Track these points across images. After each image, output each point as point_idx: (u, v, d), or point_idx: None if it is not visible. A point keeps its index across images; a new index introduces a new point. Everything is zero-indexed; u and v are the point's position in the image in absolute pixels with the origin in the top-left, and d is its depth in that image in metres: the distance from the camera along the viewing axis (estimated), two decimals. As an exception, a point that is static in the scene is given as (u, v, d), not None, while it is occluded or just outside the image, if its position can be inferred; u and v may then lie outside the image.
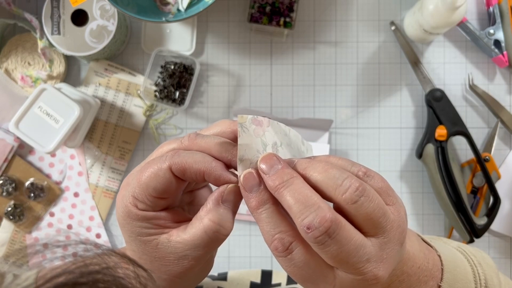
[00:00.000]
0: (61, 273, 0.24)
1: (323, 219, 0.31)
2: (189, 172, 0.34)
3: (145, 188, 0.34)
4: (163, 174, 0.34)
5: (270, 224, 0.33)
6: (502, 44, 0.73)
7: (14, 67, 0.75)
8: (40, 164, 0.76)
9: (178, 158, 0.34)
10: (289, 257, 0.32)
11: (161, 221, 0.35)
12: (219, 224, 0.34)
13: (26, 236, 0.76)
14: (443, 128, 0.72)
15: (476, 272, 0.42)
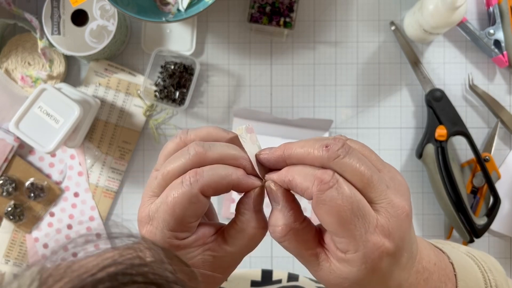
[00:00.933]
0: (111, 263, 0.24)
1: (337, 139, 0.32)
2: (220, 189, 0.33)
3: (182, 219, 0.33)
4: (197, 200, 0.33)
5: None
6: (502, 44, 0.73)
7: (14, 67, 0.75)
8: (40, 164, 0.76)
9: (203, 179, 0.33)
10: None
11: (200, 242, 0.35)
12: (261, 227, 0.35)
13: (26, 236, 0.76)
14: (443, 128, 0.72)
15: (487, 278, 0.41)
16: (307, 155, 0.33)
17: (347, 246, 0.31)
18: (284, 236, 0.34)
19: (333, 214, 0.31)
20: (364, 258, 0.31)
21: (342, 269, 0.32)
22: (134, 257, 0.25)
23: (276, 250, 0.77)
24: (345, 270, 0.32)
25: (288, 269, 0.77)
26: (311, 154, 0.33)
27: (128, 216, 0.77)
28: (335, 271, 0.33)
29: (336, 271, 0.33)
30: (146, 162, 0.77)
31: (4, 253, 0.76)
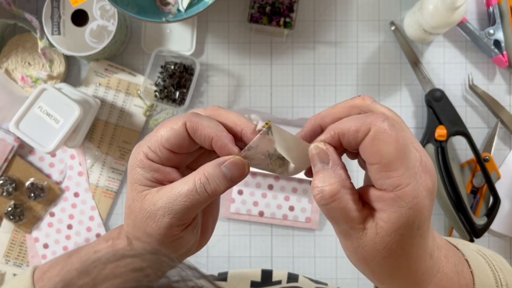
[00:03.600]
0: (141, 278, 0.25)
1: None
2: (199, 133, 0.35)
3: (159, 139, 0.35)
4: (178, 128, 0.35)
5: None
6: (502, 44, 0.73)
7: (14, 67, 0.75)
8: (40, 164, 0.76)
9: (194, 118, 0.35)
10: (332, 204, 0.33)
11: (161, 176, 0.36)
12: (209, 178, 0.35)
13: (26, 236, 0.76)
14: (443, 128, 0.72)
15: (498, 277, 0.41)
16: (342, 108, 0.35)
17: (399, 180, 0.31)
18: (335, 195, 0.33)
19: (392, 144, 0.31)
20: (416, 192, 0.31)
21: (390, 217, 0.32)
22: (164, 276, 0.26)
23: (276, 250, 0.77)
24: (395, 216, 0.31)
25: (289, 269, 0.77)
26: (347, 106, 0.35)
27: (128, 216, 0.77)
28: (383, 227, 0.32)
29: (384, 227, 0.32)
30: (146, 162, 0.77)
31: (4, 253, 0.76)
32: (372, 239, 0.32)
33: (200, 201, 0.35)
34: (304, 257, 0.77)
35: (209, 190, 0.35)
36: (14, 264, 0.76)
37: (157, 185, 0.36)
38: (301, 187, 0.75)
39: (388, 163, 0.31)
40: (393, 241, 0.32)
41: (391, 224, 0.32)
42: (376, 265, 0.34)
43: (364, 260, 0.34)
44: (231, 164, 0.35)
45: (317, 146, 0.35)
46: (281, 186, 0.75)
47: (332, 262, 0.77)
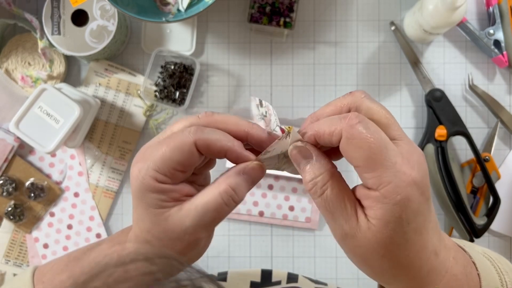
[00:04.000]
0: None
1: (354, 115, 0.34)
2: (213, 149, 0.35)
3: (169, 162, 0.35)
4: (188, 149, 0.35)
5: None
6: (502, 44, 0.73)
7: (14, 67, 0.75)
8: (40, 164, 0.76)
9: (203, 134, 0.35)
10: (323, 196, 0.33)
11: (177, 194, 0.36)
12: (235, 189, 0.35)
13: (26, 236, 0.76)
14: (443, 128, 0.72)
15: (504, 280, 0.41)
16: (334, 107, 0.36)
17: (379, 180, 0.32)
18: (327, 182, 0.33)
19: (364, 148, 0.32)
20: (398, 188, 0.31)
21: (377, 213, 0.32)
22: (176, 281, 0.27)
23: (276, 250, 0.77)
24: (381, 212, 0.32)
25: (289, 269, 0.77)
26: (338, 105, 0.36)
27: (128, 216, 0.77)
28: (373, 224, 0.32)
29: (374, 223, 0.32)
30: (146, 162, 0.77)
31: (4, 253, 0.76)
32: (366, 236, 0.33)
33: (228, 211, 0.36)
34: (304, 257, 0.77)
35: (237, 200, 0.36)
36: (14, 264, 0.76)
37: (174, 203, 0.36)
38: (301, 187, 0.75)
39: (364, 165, 0.32)
40: (385, 237, 0.32)
41: (379, 220, 0.32)
42: (376, 265, 0.34)
43: (364, 260, 0.34)
44: (252, 170, 0.36)
45: (296, 145, 0.36)
46: (281, 186, 0.75)
47: (332, 262, 0.77)
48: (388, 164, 0.32)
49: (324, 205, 0.34)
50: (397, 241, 0.33)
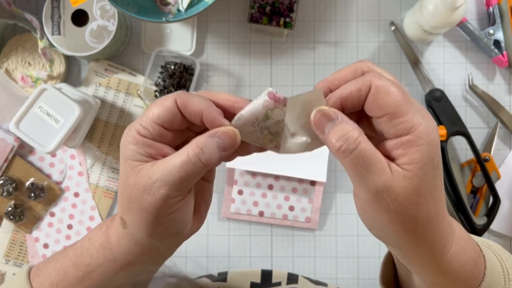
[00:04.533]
0: None
1: None
2: (190, 108, 0.36)
3: (151, 116, 0.36)
4: (169, 104, 0.36)
5: None
6: (501, 44, 0.73)
7: (14, 67, 0.75)
8: (40, 164, 0.77)
9: (184, 94, 0.37)
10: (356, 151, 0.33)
11: (154, 151, 0.37)
12: (202, 148, 0.35)
13: (27, 236, 0.77)
14: (443, 128, 0.72)
15: (505, 267, 0.42)
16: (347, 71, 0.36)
17: (411, 122, 0.33)
18: (359, 136, 0.33)
19: (394, 93, 0.33)
20: (429, 128, 0.33)
21: (413, 157, 0.33)
22: None
23: (276, 250, 0.77)
24: (417, 155, 0.33)
25: (289, 269, 0.77)
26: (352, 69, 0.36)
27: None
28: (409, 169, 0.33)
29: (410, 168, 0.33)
30: (146, 162, 0.77)
31: (4, 253, 0.76)
32: (402, 185, 0.33)
33: (195, 171, 0.35)
34: (304, 257, 0.77)
35: (203, 160, 0.35)
36: (14, 264, 0.76)
37: (150, 160, 0.36)
38: (301, 187, 0.75)
39: (396, 110, 0.33)
40: (420, 181, 0.33)
41: (416, 164, 0.32)
42: (409, 219, 0.34)
43: (398, 215, 0.33)
44: (223, 134, 0.36)
45: (319, 109, 0.35)
46: (281, 186, 0.75)
47: (332, 262, 0.77)
48: (416, 107, 0.33)
49: (357, 161, 0.33)
50: (429, 186, 0.33)
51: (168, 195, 0.35)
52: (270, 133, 0.37)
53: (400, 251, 0.37)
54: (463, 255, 0.38)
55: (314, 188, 0.75)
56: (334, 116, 0.34)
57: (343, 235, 0.77)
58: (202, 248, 0.77)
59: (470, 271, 0.39)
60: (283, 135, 0.38)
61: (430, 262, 0.36)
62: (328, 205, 0.77)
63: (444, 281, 0.38)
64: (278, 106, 0.36)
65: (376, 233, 0.37)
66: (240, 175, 0.75)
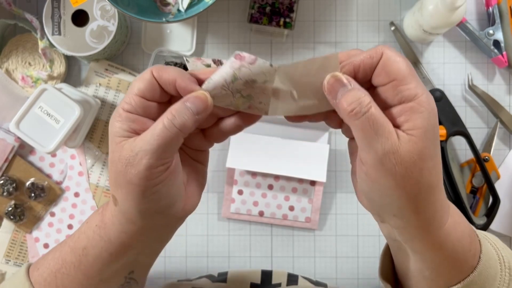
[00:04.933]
0: None
1: None
2: (165, 77, 0.38)
3: (131, 89, 0.38)
4: (146, 75, 0.38)
5: None
6: (501, 44, 0.73)
7: (14, 67, 0.75)
8: (40, 164, 0.77)
9: (160, 66, 0.39)
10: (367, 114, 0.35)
11: (138, 126, 0.38)
12: (175, 114, 0.37)
13: (27, 236, 0.77)
14: (442, 128, 0.72)
15: (500, 255, 0.43)
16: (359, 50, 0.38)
17: (415, 90, 0.35)
18: (369, 102, 0.35)
19: (401, 63, 0.36)
20: (429, 98, 0.35)
21: (416, 123, 0.35)
22: None
23: (276, 250, 0.77)
24: (420, 121, 0.35)
25: (288, 269, 0.77)
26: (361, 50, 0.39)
27: (129, 216, 0.77)
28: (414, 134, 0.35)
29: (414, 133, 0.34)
30: (146, 162, 0.77)
31: (4, 253, 0.76)
32: (407, 149, 0.34)
33: (171, 137, 0.36)
34: (304, 257, 0.77)
35: (177, 124, 0.36)
36: (15, 264, 0.76)
37: (134, 135, 0.38)
38: (301, 187, 0.75)
39: (403, 77, 0.35)
40: (424, 146, 0.35)
41: (419, 130, 0.35)
42: (413, 183, 0.35)
43: (402, 179, 0.35)
44: (194, 98, 0.37)
45: (334, 74, 0.37)
46: (281, 186, 0.75)
47: (332, 262, 0.77)
48: (418, 80, 0.36)
49: (368, 123, 0.35)
50: (431, 153, 0.35)
51: (150, 164, 0.36)
52: (242, 96, 0.39)
53: (400, 222, 0.38)
54: (458, 228, 0.39)
55: (314, 188, 0.75)
56: (347, 82, 0.36)
57: (343, 235, 0.77)
58: (202, 248, 0.77)
59: (467, 246, 0.40)
60: (270, 97, 0.39)
61: (428, 234, 0.38)
62: (328, 205, 0.77)
63: (442, 256, 0.39)
64: (244, 65, 0.38)
65: (378, 202, 0.38)
66: (240, 175, 0.75)
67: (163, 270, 0.78)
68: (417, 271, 0.42)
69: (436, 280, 0.41)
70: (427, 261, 0.40)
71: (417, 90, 0.35)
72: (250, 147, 0.74)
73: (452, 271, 0.40)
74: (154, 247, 0.45)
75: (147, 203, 0.38)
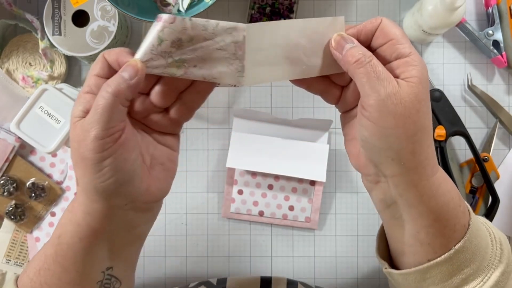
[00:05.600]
0: None
1: None
2: (111, 56, 0.41)
3: (89, 73, 0.41)
4: (99, 59, 0.41)
5: None
6: (501, 44, 0.73)
7: (15, 68, 0.75)
8: (41, 164, 0.77)
9: (109, 50, 0.42)
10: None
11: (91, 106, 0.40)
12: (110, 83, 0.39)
13: (27, 236, 0.77)
14: (442, 128, 0.72)
15: (491, 231, 0.46)
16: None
17: (409, 49, 0.40)
18: (371, 55, 0.40)
19: (398, 28, 0.41)
20: (418, 58, 0.40)
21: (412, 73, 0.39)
22: None
23: (276, 250, 0.77)
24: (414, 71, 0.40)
25: (288, 268, 0.77)
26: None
27: (129, 216, 0.78)
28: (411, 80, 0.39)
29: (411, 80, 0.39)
30: (146, 162, 0.77)
31: (5, 253, 0.76)
32: (406, 91, 0.39)
33: (110, 104, 0.38)
34: (304, 257, 0.77)
35: (111, 91, 0.38)
36: (15, 264, 0.77)
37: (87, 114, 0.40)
38: (301, 187, 0.75)
39: (399, 38, 0.41)
40: (420, 91, 0.39)
41: (415, 78, 0.39)
42: (412, 123, 0.39)
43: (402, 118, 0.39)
44: (126, 66, 0.40)
45: (341, 33, 0.42)
46: (281, 186, 0.76)
47: (332, 262, 0.77)
48: (410, 43, 0.41)
49: (371, 70, 0.39)
50: (426, 98, 0.40)
51: (97, 135, 0.38)
52: (175, 60, 0.40)
53: (397, 166, 0.40)
54: (447, 183, 0.43)
55: (314, 188, 0.75)
56: (351, 41, 0.41)
57: (342, 235, 0.77)
58: (202, 248, 0.77)
59: (457, 201, 0.43)
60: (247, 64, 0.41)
61: (423, 181, 0.41)
62: (328, 205, 0.77)
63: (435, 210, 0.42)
64: (166, 26, 0.39)
65: (377, 147, 0.40)
66: (240, 175, 0.76)
67: (163, 270, 0.78)
68: (413, 239, 0.43)
69: (432, 244, 0.42)
70: (422, 217, 0.42)
71: (411, 49, 0.40)
72: (250, 147, 0.74)
73: (446, 230, 0.42)
74: (126, 237, 0.45)
75: (101, 178, 0.39)
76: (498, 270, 0.43)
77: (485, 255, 0.43)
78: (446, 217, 0.42)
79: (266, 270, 0.77)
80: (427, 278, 0.43)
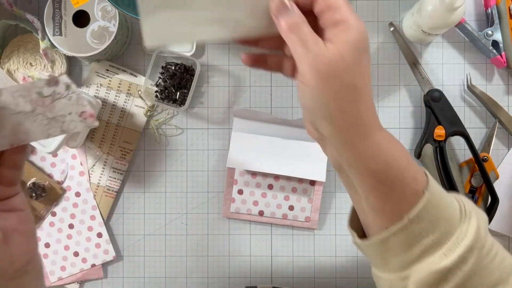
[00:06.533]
0: None
1: None
2: None
3: None
4: None
5: None
6: (500, 45, 0.73)
7: (16, 68, 0.76)
8: (41, 164, 0.77)
9: None
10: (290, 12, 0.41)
11: None
12: None
13: (28, 236, 0.77)
14: (441, 129, 0.72)
15: (463, 206, 0.44)
16: None
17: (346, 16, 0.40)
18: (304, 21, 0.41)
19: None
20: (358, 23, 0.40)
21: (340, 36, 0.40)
22: None
23: (276, 250, 0.78)
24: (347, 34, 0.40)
25: (288, 268, 0.77)
26: None
27: (129, 216, 0.78)
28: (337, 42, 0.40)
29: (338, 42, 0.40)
30: (147, 162, 0.77)
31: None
32: (331, 51, 0.40)
33: None
34: (303, 257, 0.77)
35: None
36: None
37: None
38: (301, 187, 0.76)
39: (338, 5, 0.41)
40: (345, 52, 0.39)
41: (344, 40, 0.40)
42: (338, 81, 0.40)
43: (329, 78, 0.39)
44: None
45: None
46: (280, 186, 0.76)
47: (332, 261, 0.77)
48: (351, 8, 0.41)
49: (302, 36, 0.40)
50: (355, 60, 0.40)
51: None
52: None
53: (329, 125, 0.41)
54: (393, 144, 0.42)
55: (313, 188, 0.76)
56: (289, 6, 0.41)
57: (342, 235, 0.77)
58: (203, 247, 0.78)
59: (404, 164, 0.42)
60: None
61: (357, 140, 0.41)
62: (328, 205, 0.77)
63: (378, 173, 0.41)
64: None
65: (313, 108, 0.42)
66: (240, 175, 0.76)
67: (163, 269, 0.78)
68: (368, 206, 0.43)
69: (385, 211, 0.42)
70: (364, 178, 0.42)
71: (349, 16, 0.40)
72: (250, 147, 0.74)
73: (393, 194, 0.41)
74: None
75: None
76: (463, 245, 0.41)
77: (450, 228, 0.41)
78: (391, 178, 0.41)
79: (266, 270, 0.78)
80: (388, 250, 0.43)
